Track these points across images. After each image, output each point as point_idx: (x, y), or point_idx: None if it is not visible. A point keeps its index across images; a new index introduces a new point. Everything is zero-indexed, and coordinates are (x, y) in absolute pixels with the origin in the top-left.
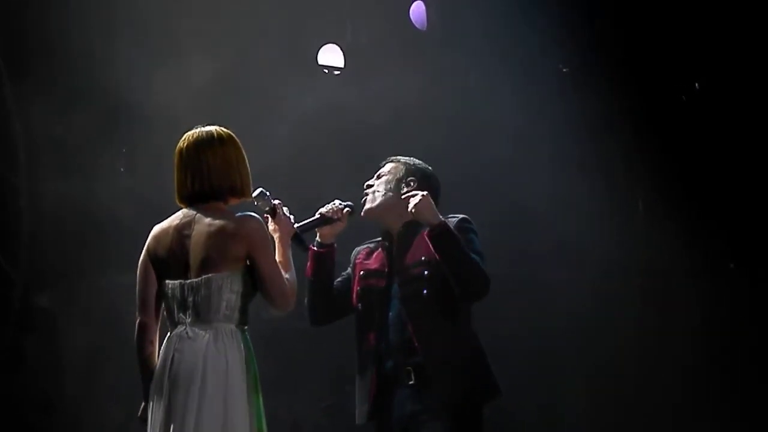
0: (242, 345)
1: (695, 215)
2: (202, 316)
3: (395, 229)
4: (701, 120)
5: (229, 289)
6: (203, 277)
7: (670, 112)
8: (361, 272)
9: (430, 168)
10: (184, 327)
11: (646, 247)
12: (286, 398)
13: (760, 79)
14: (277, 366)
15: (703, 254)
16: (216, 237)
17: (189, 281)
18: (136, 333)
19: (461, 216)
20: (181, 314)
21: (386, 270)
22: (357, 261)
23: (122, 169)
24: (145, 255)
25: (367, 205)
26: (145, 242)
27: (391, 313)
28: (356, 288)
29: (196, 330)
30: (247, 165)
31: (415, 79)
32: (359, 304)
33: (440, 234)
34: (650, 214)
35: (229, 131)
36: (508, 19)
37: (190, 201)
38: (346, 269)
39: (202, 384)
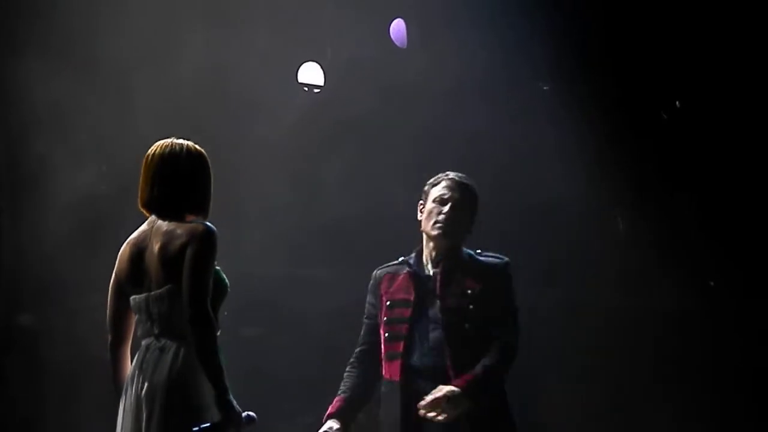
0: None
1: (674, 233)
2: (169, 327)
3: (440, 254)
4: (681, 138)
5: None
6: (165, 287)
7: (650, 131)
8: (388, 302)
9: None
10: (152, 339)
11: (625, 265)
12: (263, 416)
13: (741, 99)
14: (255, 382)
15: (683, 272)
16: (170, 246)
17: (153, 293)
18: (108, 352)
19: (505, 260)
20: (149, 326)
21: (412, 298)
22: (382, 291)
23: (103, 187)
24: (113, 274)
25: (446, 235)
26: None
27: (430, 337)
28: (384, 318)
29: (165, 341)
30: (211, 185)
31: (396, 95)
32: (386, 334)
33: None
34: (630, 232)
35: (200, 149)
36: (489, 37)
37: (149, 208)
38: (367, 307)
39: (168, 395)
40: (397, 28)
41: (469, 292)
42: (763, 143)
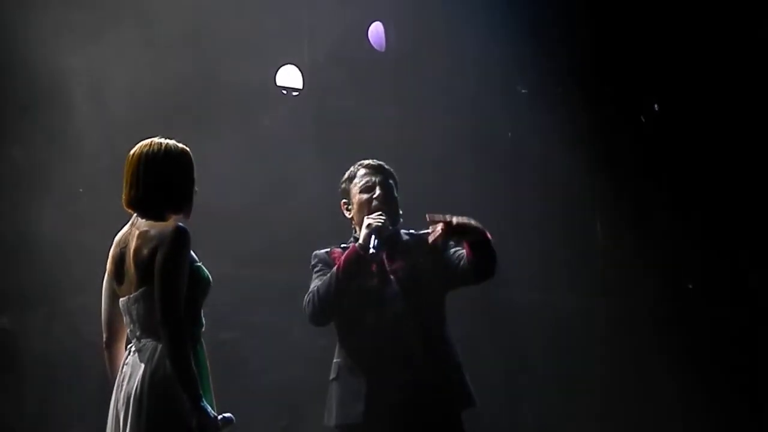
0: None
1: (653, 236)
2: (148, 329)
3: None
4: (659, 142)
5: None
6: (140, 290)
7: (628, 134)
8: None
9: None
10: (135, 340)
11: (604, 268)
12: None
13: (720, 103)
14: (230, 389)
15: (661, 274)
16: (143, 249)
17: (132, 295)
18: (104, 351)
19: None
20: (132, 328)
21: (375, 272)
22: (335, 263)
23: (81, 190)
24: (105, 274)
25: (388, 215)
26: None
27: (386, 316)
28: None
29: (144, 341)
30: (191, 183)
31: (374, 100)
32: (348, 306)
33: (474, 232)
34: (608, 235)
35: (182, 147)
36: (466, 40)
37: (131, 208)
38: (318, 268)
39: (142, 398)
40: (376, 31)
41: (421, 259)
42: (744, 147)
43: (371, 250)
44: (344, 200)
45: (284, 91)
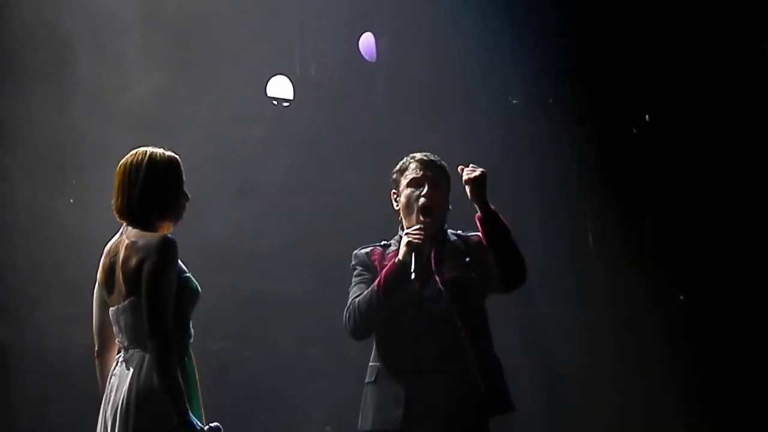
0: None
1: (643, 248)
2: (135, 340)
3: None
4: (649, 153)
5: None
6: (128, 300)
7: (618, 145)
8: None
9: None
10: (122, 351)
11: (595, 282)
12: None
13: (711, 110)
14: (225, 396)
15: (653, 286)
16: (130, 260)
17: (120, 306)
18: (95, 360)
19: None
20: (120, 338)
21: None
22: (375, 262)
23: (71, 200)
24: (96, 283)
25: (430, 214)
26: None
27: (427, 317)
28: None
29: (132, 352)
30: (177, 191)
31: (364, 110)
32: (388, 308)
33: (494, 218)
34: (597, 248)
35: (170, 155)
36: (456, 51)
37: (120, 216)
38: (357, 272)
39: (128, 407)
40: (366, 42)
41: (468, 259)
42: (736, 155)
43: (412, 275)
44: (393, 191)
45: (275, 102)
